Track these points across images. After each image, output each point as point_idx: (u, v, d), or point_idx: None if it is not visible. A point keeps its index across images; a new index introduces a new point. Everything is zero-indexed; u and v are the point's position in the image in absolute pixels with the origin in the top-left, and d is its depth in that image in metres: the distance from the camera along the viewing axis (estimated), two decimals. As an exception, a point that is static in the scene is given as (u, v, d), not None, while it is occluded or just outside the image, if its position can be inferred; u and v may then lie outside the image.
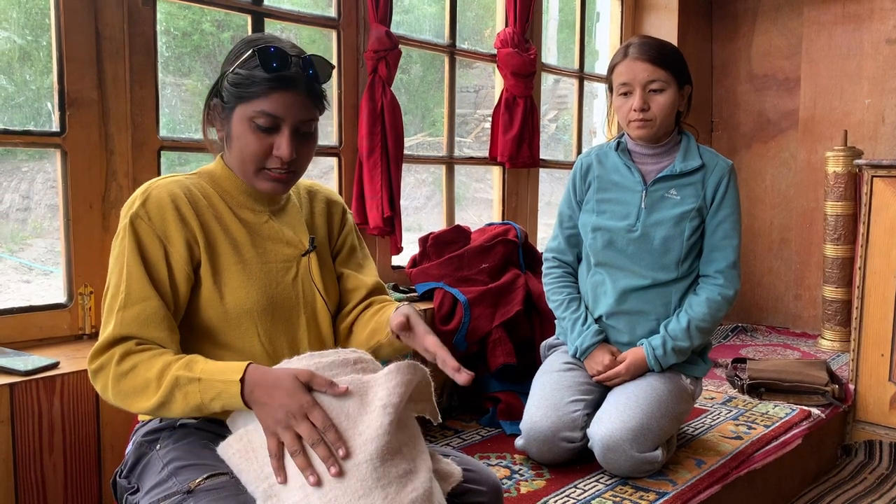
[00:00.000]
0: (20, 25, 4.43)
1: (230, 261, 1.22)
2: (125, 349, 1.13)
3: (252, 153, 1.20)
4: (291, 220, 1.32)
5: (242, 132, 1.20)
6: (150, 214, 1.18)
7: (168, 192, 1.20)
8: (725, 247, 1.93)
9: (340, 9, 2.44)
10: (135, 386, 1.11)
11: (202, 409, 1.09)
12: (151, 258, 1.18)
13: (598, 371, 1.93)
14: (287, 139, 1.19)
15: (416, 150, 5.18)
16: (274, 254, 1.27)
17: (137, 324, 1.14)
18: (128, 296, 1.15)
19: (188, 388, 1.09)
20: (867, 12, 3.46)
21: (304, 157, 1.25)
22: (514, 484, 1.82)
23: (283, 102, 1.18)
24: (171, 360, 1.11)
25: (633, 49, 1.89)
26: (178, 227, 1.19)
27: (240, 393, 1.06)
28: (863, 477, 2.52)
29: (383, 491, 1.00)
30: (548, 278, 2.08)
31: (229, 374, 1.08)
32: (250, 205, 1.28)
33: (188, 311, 1.22)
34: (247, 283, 1.22)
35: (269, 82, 1.17)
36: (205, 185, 1.27)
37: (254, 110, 1.18)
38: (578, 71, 3.51)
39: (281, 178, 1.23)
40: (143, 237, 1.18)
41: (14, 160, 5.74)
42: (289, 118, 1.19)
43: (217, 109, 1.24)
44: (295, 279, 1.28)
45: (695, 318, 1.90)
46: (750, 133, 3.88)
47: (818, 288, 3.53)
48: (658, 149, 1.95)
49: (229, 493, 1.06)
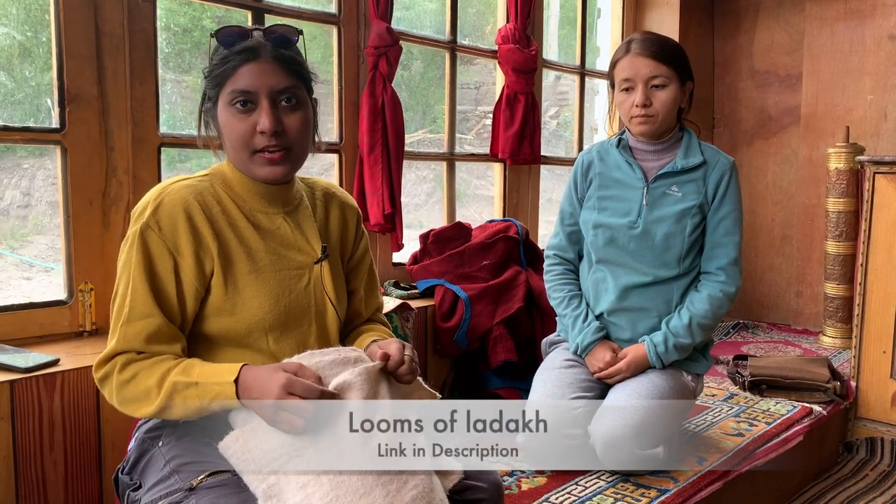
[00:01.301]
0: (20, 21, 4.42)
1: (244, 269, 1.21)
2: (127, 358, 1.15)
3: (238, 136, 1.18)
4: (304, 225, 1.30)
5: (227, 120, 1.19)
6: (162, 225, 1.17)
7: (181, 201, 1.18)
8: (727, 243, 1.92)
9: (341, 5, 2.43)
10: (136, 394, 1.13)
11: (202, 411, 1.12)
12: (160, 272, 1.17)
13: (600, 368, 1.93)
14: (266, 110, 1.16)
15: (417, 146, 5.17)
16: (287, 260, 1.25)
17: (139, 340, 1.15)
18: (131, 311, 1.15)
19: (186, 393, 1.10)
20: (869, 8, 3.45)
21: (294, 130, 1.20)
22: (514, 481, 1.82)
23: (251, 74, 1.16)
24: (171, 367, 1.13)
25: (635, 45, 1.89)
26: (190, 239, 1.17)
27: (235, 394, 1.09)
28: (864, 474, 2.51)
29: (384, 489, 1.00)
30: (549, 275, 2.07)
31: (224, 377, 1.10)
32: (263, 207, 1.26)
33: (196, 318, 1.21)
34: (260, 293, 1.21)
35: (234, 58, 1.16)
36: (217, 189, 1.24)
37: (228, 93, 1.17)
38: (580, 67, 3.50)
39: (275, 159, 1.19)
40: (153, 249, 1.16)
41: (15, 157, 5.73)
42: (262, 88, 1.17)
43: (209, 115, 1.24)
44: (307, 287, 1.26)
45: (696, 314, 1.90)
46: (752, 129, 3.88)
47: (820, 285, 3.52)
48: (659, 145, 1.95)
49: (231, 490, 1.06)
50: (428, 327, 2.41)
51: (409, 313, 2.27)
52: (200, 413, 1.12)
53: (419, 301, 2.43)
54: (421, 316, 2.37)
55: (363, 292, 1.41)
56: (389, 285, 2.52)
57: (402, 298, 2.33)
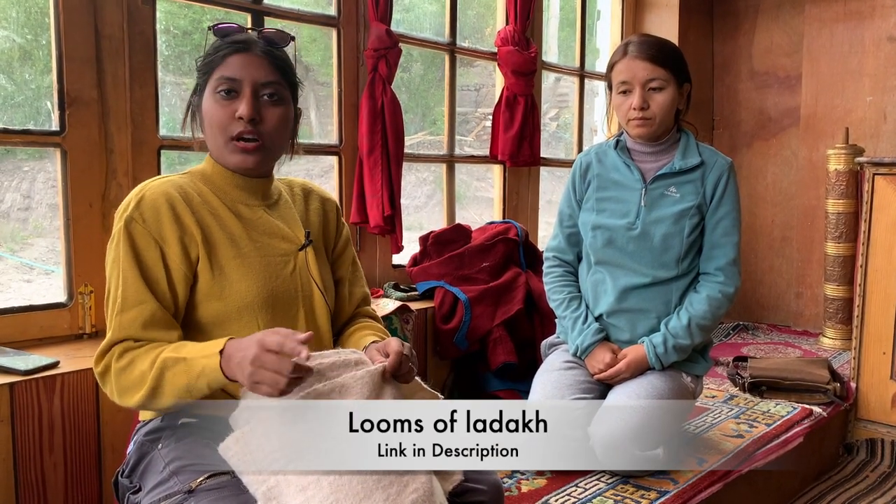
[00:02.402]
0: (20, 24, 4.43)
1: (229, 254, 1.23)
2: (124, 347, 1.15)
3: (217, 121, 1.21)
4: (285, 215, 1.33)
5: (210, 106, 1.22)
6: (145, 216, 1.19)
7: (162, 192, 1.21)
8: (725, 244, 1.92)
9: (340, 7, 2.43)
10: (132, 379, 1.13)
11: (190, 389, 1.10)
12: (147, 261, 1.18)
13: (600, 370, 1.93)
14: (247, 98, 1.20)
15: (417, 148, 5.17)
16: (271, 248, 1.27)
17: (135, 327, 1.16)
18: (125, 300, 1.16)
19: (175, 369, 1.10)
20: (868, 9, 3.45)
21: (271, 125, 1.23)
22: (514, 483, 1.82)
23: (239, 63, 1.21)
24: (164, 349, 1.14)
25: (633, 47, 1.89)
26: (174, 228, 1.19)
27: (219, 365, 1.08)
28: (864, 475, 2.51)
29: (384, 492, 1.00)
30: (548, 277, 2.08)
31: (210, 349, 1.10)
32: (244, 199, 1.28)
33: (188, 307, 1.22)
34: (247, 277, 1.22)
35: (226, 47, 1.21)
36: (198, 182, 1.27)
37: (215, 80, 1.21)
38: (579, 69, 3.51)
39: (248, 148, 1.22)
40: (139, 240, 1.18)
41: (15, 160, 5.73)
42: (247, 78, 1.20)
43: (195, 105, 1.27)
44: (293, 273, 1.28)
45: (695, 315, 1.90)
46: (751, 131, 3.88)
47: (819, 286, 3.52)
48: (657, 147, 1.95)
49: (230, 492, 1.06)
50: (428, 329, 2.41)
51: (409, 315, 2.27)
52: (189, 393, 1.10)
53: (419, 303, 2.43)
54: (421, 318, 2.37)
55: (348, 283, 1.42)
56: (389, 287, 2.52)
57: (401, 300, 2.33)
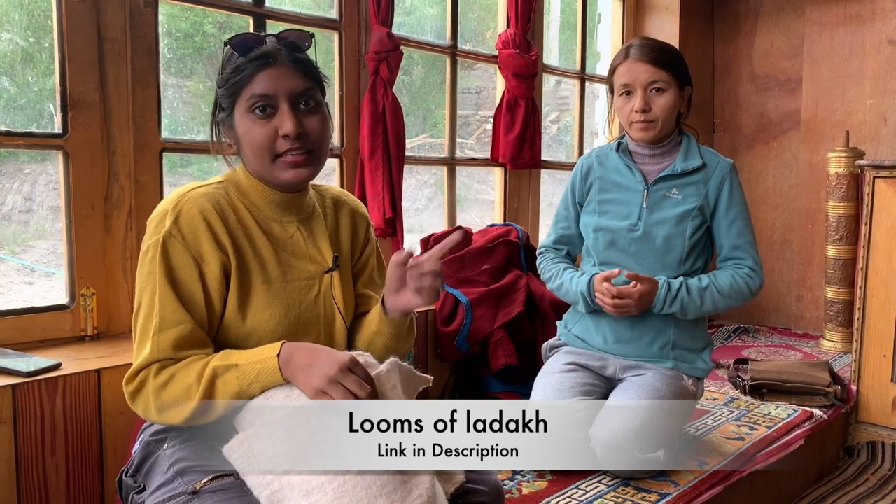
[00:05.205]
0: (22, 27, 4.44)
1: (257, 280, 1.21)
2: (161, 365, 1.14)
3: (260, 143, 1.18)
4: (317, 233, 1.31)
5: (247, 127, 1.19)
6: (184, 233, 1.16)
7: (199, 208, 1.18)
8: (744, 244, 1.94)
9: (342, 10, 2.44)
10: (176, 394, 1.12)
11: (241, 394, 1.11)
12: (185, 279, 1.16)
13: (612, 295, 1.85)
14: (287, 113, 1.17)
15: (418, 151, 5.18)
16: (298, 271, 1.26)
17: (174, 348, 1.14)
18: (162, 319, 1.14)
19: (226, 377, 1.11)
20: (869, 13, 3.46)
21: (316, 133, 1.21)
22: (515, 485, 1.82)
23: (269, 79, 1.17)
24: (209, 360, 1.13)
25: (634, 50, 1.90)
26: (212, 246, 1.18)
27: (277, 367, 1.10)
28: (865, 478, 2.51)
29: (388, 498, 1.00)
30: (542, 263, 2.08)
31: (266, 353, 1.11)
32: (277, 216, 1.26)
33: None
34: (271, 304, 1.21)
35: (250, 65, 1.17)
36: (233, 196, 1.24)
37: (247, 99, 1.18)
38: (580, 72, 3.51)
39: (298, 162, 1.19)
40: (177, 257, 1.16)
41: (16, 162, 5.74)
42: (281, 92, 1.18)
43: (223, 124, 1.24)
44: (317, 297, 1.27)
45: (716, 283, 1.89)
46: (751, 134, 3.88)
47: (820, 289, 3.53)
48: (659, 149, 1.96)
49: (234, 494, 1.06)
50: (428, 331, 2.41)
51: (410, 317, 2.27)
52: (239, 398, 1.12)
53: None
54: (422, 320, 2.37)
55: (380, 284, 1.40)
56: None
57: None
